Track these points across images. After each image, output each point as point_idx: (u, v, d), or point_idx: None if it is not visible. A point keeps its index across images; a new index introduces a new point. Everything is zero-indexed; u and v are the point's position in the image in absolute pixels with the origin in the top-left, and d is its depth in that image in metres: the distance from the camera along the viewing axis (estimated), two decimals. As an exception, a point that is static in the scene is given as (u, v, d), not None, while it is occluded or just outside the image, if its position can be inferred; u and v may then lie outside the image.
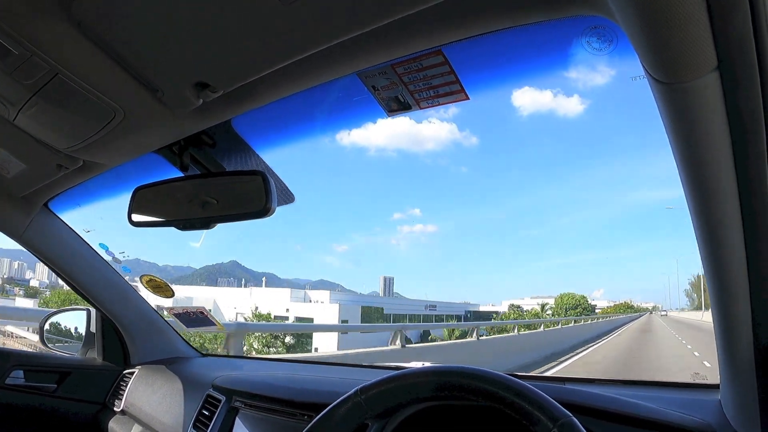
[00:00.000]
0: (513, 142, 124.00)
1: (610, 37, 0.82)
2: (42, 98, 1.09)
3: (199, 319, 3.13)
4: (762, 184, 0.71)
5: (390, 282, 67.65)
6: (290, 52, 0.91)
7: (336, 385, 1.59)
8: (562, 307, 78.09)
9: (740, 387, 1.00)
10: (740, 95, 0.62)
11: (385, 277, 67.71)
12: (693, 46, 0.57)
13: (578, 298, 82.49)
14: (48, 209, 1.99)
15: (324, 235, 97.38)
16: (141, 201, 1.40)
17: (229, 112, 1.18)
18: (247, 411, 1.71)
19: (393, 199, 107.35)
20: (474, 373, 0.97)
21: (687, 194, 0.77)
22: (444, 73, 1.00)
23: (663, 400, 1.21)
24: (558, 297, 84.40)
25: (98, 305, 2.29)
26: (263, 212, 1.22)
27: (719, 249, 0.82)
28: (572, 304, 79.98)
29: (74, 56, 0.98)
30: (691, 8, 0.54)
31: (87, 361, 2.46)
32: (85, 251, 2.18)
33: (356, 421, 1.04)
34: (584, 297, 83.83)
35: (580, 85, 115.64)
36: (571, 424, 0.86)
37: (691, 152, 0.71)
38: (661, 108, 0.68)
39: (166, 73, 1.00)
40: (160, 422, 2.02)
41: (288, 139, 1.47)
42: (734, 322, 0.91)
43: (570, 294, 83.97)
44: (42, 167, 1.51)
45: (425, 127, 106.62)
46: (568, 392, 1.22)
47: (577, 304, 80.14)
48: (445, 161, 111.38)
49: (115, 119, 1.16)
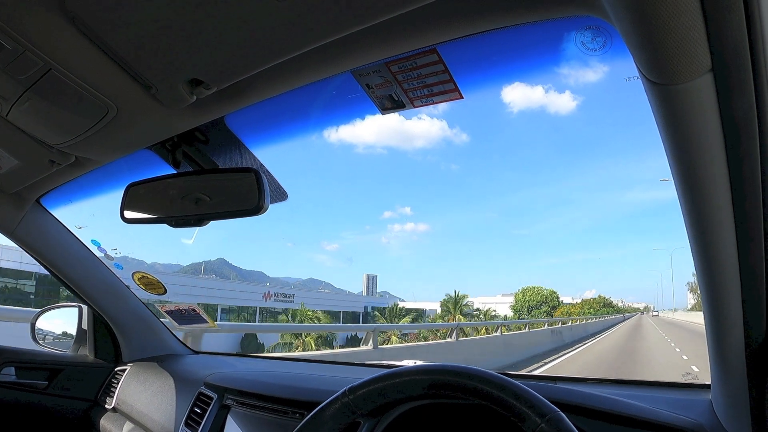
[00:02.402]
0: (504, 139, 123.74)
1: (605, 37, 0.82)
2: (35, 93, 1.09)
3: (191, 316, 3.13)
4: (754, 185, 0.71)
5: (373, 280, 66.08)
6: (284, 49, 0.91)
7: (327, 383, 1.59)
8: (525, 305, 67.28)
9: (731, 387, 1.00)
10: (734, 97, 0.63)
11: (368, 275, 66.22)
12: (687, 48, 0.57)
13: (546, 293, 69.15)
14: (40, 205, 1.98)
15: (314, 233, 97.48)
16: (133, 197, 1.39)
17: (222, 109, 1.18)
18: (238, 409, 1.70)
19: (383, 197, 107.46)
20: (462, 371, 0.97)
21: (680, 195, 0.77)
22: (438, 71, 1.00)
23: (654, 399, 1.21)
24: (519, 292, 70.67)
25: (90, 302, 2.29)
26: (256, 210, 1.22)
27: (711, 249, 0.82)
28: (537, 301, 67.92)
29: (68, 52, 0.97)
30: (686, 10, 0.54)
31: (78, 358, 2.45)
32: (77, 248, 2.18)
33: (345, 421, 1.04)
34: (554, 292, 70.00)
35: (572, 83, 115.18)
36: (559, 419, 0.86)
37: (684, 153, 0.71)
38: (654, 109, 0.68)
39: (160, 70, 1.00)
40: (152, 419, 2.02)
41: (281, 137, 1.47)
42: (726, 322, 0.91)
43: (535, 288, 69.95)
44: (34, 163, 1.50)
45: (415, 124, 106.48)
46: (559, 391, 1.22)
47: (542, 301, 67.93)
48: (436, 158, 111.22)
49: (108, 115, 1.16)
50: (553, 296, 69.35)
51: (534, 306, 67.28)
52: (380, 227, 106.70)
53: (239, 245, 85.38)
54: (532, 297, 68.55)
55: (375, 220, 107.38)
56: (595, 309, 73.36)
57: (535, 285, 71.44)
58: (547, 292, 69.62)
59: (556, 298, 70.10)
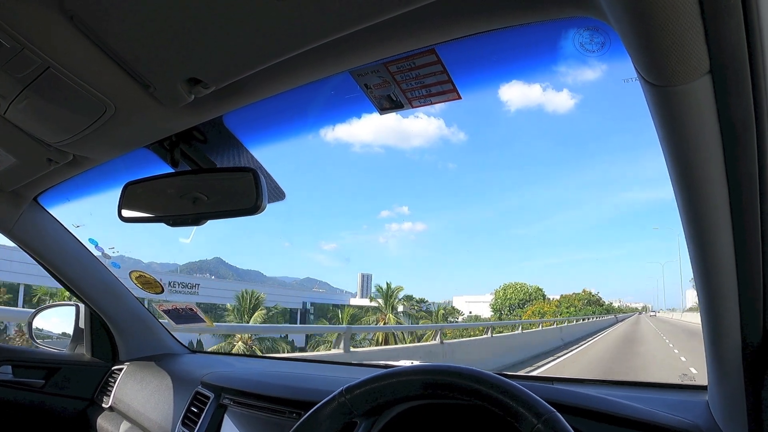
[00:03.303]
0: (501, 137, 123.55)
1: (603, 38, 0.82)
2: (33, 92, 1.09)
3: (189, 315, 3.13)
4: (751, 187, 0.72)
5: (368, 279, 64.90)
6: (283, 48, 0.91)
7: (324, 383, 1.59)
8: (506, 303, 58.10)
9: (728, 388, 1.01)
10: (731, 100, 0.63)
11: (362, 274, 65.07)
12: (685, 50, 0.58)
13: (531, 290, 59.63)
14: (38, 204, 1.98)
15: (313, 232, 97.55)
16: (131, 196, 1.39)
17: (220, 108, 1.18)
18: (235, 408, 1.71)
19: (380, 196, 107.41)
20: (458, 372, 0.97)
21: (677, 196, 0.78)
22: (436, 72, 1.00)
23: (651, 400, 1.22)
24: (500, 289, 60.58)
25: (87, 301, 2.29)
26: (254, 209, 1.22)
27: (708, 250, 0.82)
28: (519, 299, 58.34)
29: (66, 50, 0.97)
30: (684, 13, 0.54)
31: (75, 356, 2.45)
32: (75, 246, 2.18)
33: (342, 421, 1.04)
34: (539, 289, 60.23)
35: (571, 81, 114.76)
36: (555, 419, 0.87)
37: (682, 154, 0.71)
38: (652, 110, 0.68)
39: (158, 68, 1.00)
40: (149, 419, 2.02)
41: (279, 136, 1.46)
42: (722, 323, 0.91)
43: (518, 285, 60.18)
44: (32, 161, 1.50)
45: (412, 123, 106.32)
46: (556, 392, 1.22)
47: (525, 299, 58.51)
48: (433, 157, 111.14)
49: (106, 114, 1.15)
50: (538, 293, 60.05)
51: (516, 305, 58.03)
52: (378, 227, 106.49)
53: (237, 245, 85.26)
54: (514, 294, 59.53)
55: (373, 220, 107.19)
56: (577, 308, 60.16)
57: (518, 281, 61.56)
58: (532, 288, 60.26)
59: (542, 296, 60.30)
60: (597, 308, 63.10)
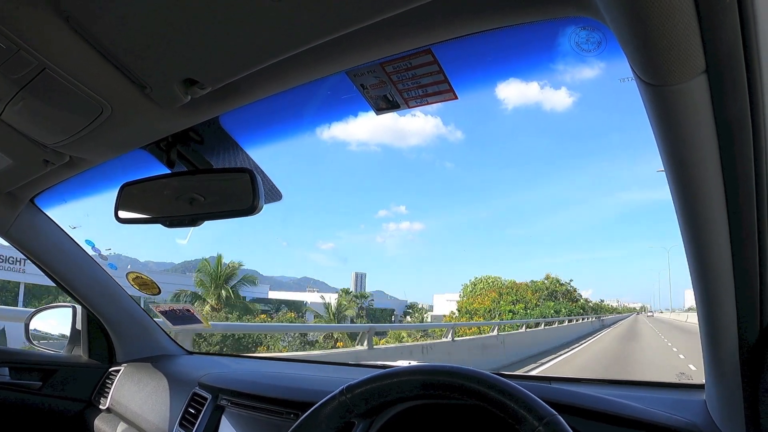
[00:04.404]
0: (499, 136, 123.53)
1: (599, 38, 0.82)
2: (29, 93, 1.09)
3: (186, 316, 3.13)
4: (747, 185, 0.72)
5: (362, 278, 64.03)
6: (279, 49, 0.91)
7: (322, 383, 1.59)
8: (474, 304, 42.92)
9: (725, 387, 1.01)
10: (727, 99, 0.63)
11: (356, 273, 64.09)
12: (681, 50, 0.58)
13: (505, 286, 46.98)
14: (34, 205, 1.98)
15: (310, 232, 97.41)
16: (128, 197, 1.39)
17: (217, 109, 1.18)
18: (233, 409, 1.70)
19: (377, 195, 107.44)
20: (459, 372, 0.97)
21: (673, 195, 0.78)
22: (433, 72, 1.00)
23: (649, 399, 1.22)
24: (469, 284, 48.95)
25: (84, 302, 2.28)
26: (250, 210, 1.22)
27: (705, 249, 0.82)
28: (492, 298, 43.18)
29: (62, 51, 0.97)
30: (680, 12, 0.54)
31: (72, 358, 2.45)
32: (72, 247, 2.17)
33: (342, 420, 1.04)
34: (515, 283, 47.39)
35: (569, 79, 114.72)
36: (557, 422, 0.86)
37: (678, 154, 0.71)
38: (648, 109, 0.68)
39: (155, 69, 1.00)
40: (146, 420, 2.01)
41: (276, 137, 1.46)
42: (719, 322, 0.91)
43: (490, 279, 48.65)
44: (28, 163, 1.50)
45: (409, 122, 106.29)
46: (554, 391, 1.22)
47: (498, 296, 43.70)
48: (430, 156, 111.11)
49: (102, 115, 1.15)
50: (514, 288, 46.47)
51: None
52: (375, 226, 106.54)
53: (235, 244, 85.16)
54: (484, 291, 46.91)
55: (370, 219, 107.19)
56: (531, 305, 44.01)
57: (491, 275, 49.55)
58: (508, 283, 47.82)
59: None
60: (567, 306, 46.09)
